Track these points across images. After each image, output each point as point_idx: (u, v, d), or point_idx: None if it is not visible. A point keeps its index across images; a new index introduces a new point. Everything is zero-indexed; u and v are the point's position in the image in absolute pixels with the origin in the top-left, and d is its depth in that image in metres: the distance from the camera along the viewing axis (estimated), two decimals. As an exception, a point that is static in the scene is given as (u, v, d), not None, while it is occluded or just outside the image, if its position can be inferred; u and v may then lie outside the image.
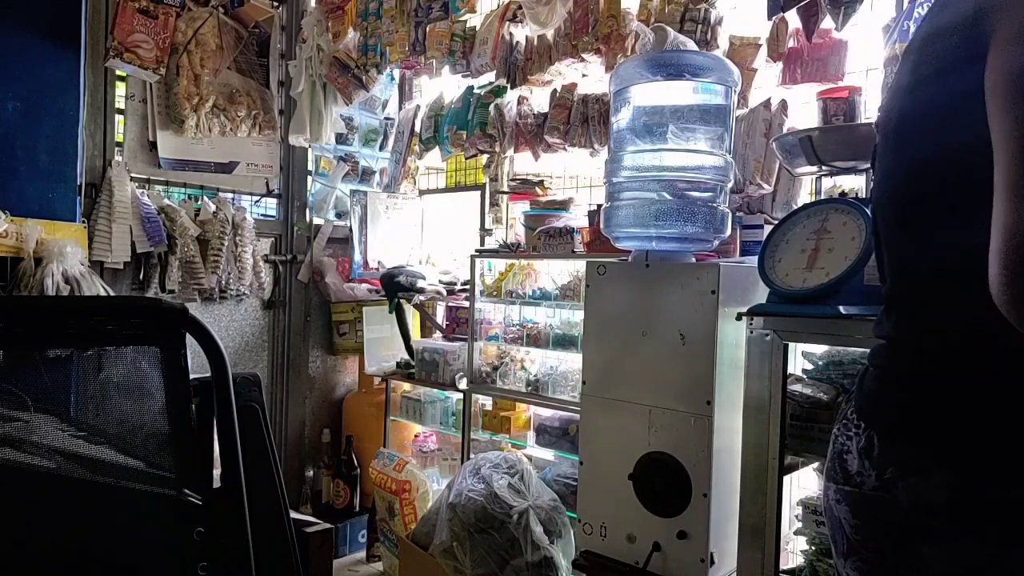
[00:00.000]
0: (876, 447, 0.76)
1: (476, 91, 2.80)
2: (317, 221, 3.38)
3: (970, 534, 0.68)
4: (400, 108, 3.38)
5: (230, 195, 3.09)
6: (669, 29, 2.12)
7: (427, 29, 2.78)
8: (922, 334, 0.77)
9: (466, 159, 2.99)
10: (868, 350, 0.88)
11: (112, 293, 2.59)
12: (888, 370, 0.80)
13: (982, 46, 0.64)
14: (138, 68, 2.67)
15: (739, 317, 1.56)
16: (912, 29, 1.77)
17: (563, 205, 2.57)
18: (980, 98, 0.64)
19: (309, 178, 3.40)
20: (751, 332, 1.54)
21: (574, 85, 2.51)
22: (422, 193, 3.50)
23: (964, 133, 0.67)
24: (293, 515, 1.18)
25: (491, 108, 2.68)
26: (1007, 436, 0.67)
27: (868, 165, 1.61)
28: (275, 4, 3.22)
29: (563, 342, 2.39)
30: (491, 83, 2.73)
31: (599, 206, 2.14)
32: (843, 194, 1.78)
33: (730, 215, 1.85)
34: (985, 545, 0.67)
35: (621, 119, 1.89)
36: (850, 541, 0.78)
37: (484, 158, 3.00)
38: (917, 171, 0.77)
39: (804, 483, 1.83)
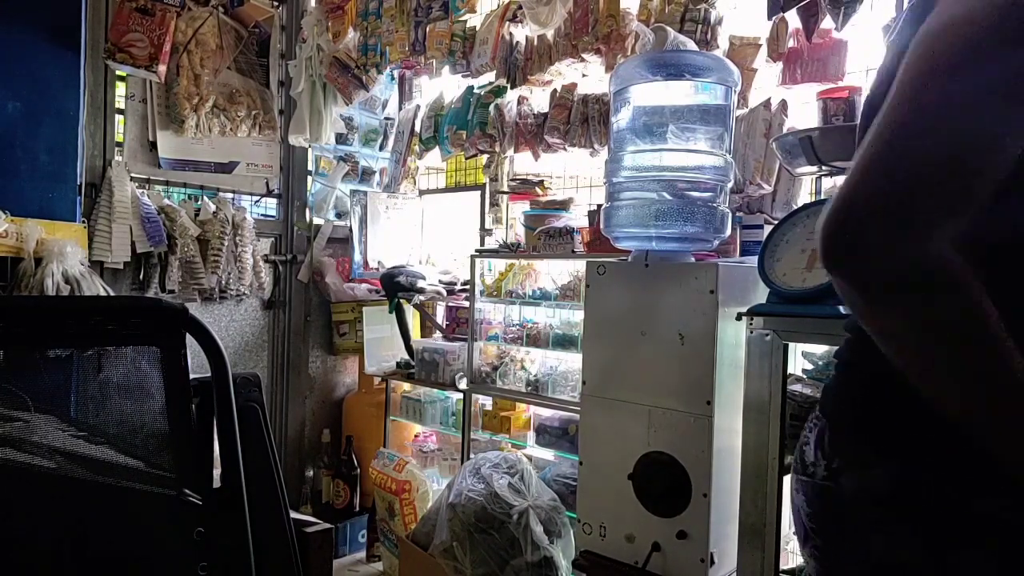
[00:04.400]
0: (827, 439, 0.78)
1: (476, 91, 2.80)
2: (317, 221, 3.38)
3: (908, 522, 0.69)
4: (400, 108, 3.38)
5: (230, 195, 3.09)
6: (669, 29, 2.12)
7: (427, 29, 2.78)
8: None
9: (466, 159, 2.99)
10: None
11: (112, 293, 2.59)
12: (844, 364, 0.83)
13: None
14: (132, 67, 2.67)
15: (739, 317, 1.56)
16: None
17: (563, 205, 2.57)
18: None
19: (309, 178, 3.40)
20: (751, 332, 1.54)
21: (574, 85, 2.51)
22: (422, 193, 3.50)
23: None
24: (293, 515, 1.18)
25: (491, 108, 2.68)
26: (948, 431, 0.67)
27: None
28: (275, 4, 3.22)
29: (563, 342, 2.39)
30: (491, 83, 2.73)
31: (599, 206, 2.14)
32: (843, 194, 1.77)
33: (730, 215, 1.85)
34: (924, 539, 0.68)
35: (621, 119, 1.89)
36: (806, 529, 0.82)
37: (484, 158, 3.00)
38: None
39: (804, 483, 1.83)
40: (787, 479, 1.59)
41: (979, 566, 0.66)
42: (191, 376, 1.00)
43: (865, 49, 2.01)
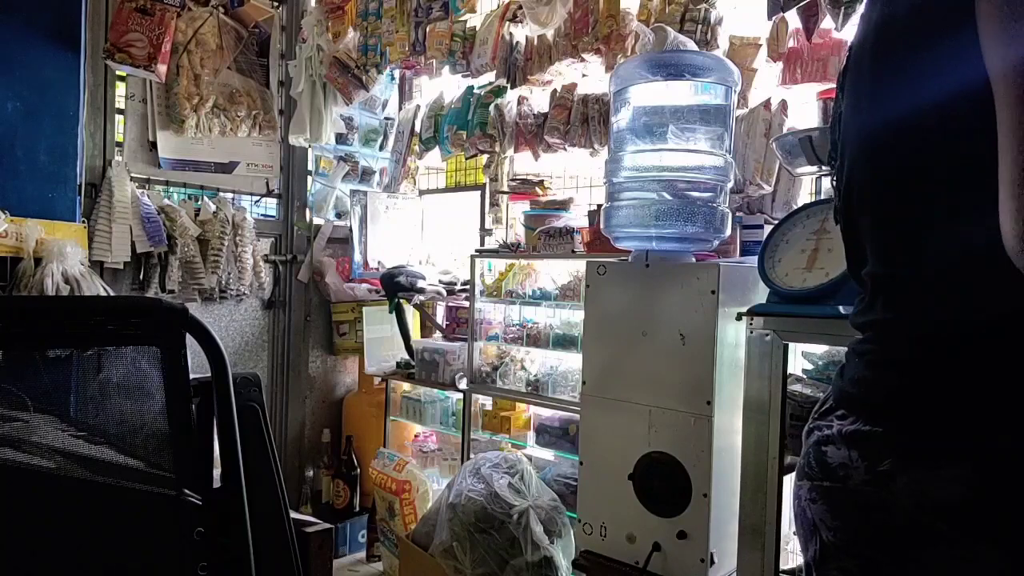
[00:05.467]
0: (868, 435, 0.65)
1: (476, 91, 2.80)
2: (317, 221, 3.38)
3: (987, 540, 0.58)
4: (400, 108, 3.38)
5: (230, 195, 3.09)
6: (669, 29, 2.12)
7: (427, 29, 2.78)
8: (922, 317, 0.68)
9: (466, 159, 2.99)
10: None
11: (112, 293, 2.59)
12: (880, 354, 0.71)
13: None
14: (132, 67, 2.67)
15: (739, 317, 1.56)
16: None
17: (563, 205, 2.57)
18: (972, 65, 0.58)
19: (309, 178, 3.40)
20: (751, 332, 1.53)
21: (574, 85, 2.51)
22: (422, 193, 3.50)
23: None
24: (293, 515, 1.18)
25: (491, 108, 2.68)
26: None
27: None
28: (275, 4, 3.22)
29: (563, 342, 2.39)
30: (491, 83, 2.73)
31: (599, 206, 2.14)
32: (843, 194, 1.77)
33: (730, 215, 1.85)
34: (1006, 553, 0.57)
35: (621, 119, 1.89)
36: (826, 546, 0.68)
37: (484, 158, 3.00)
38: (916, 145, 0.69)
39: (804, 483, 1.83)
40: (788, 479, 1.60)
41: None
42: (191, 376, 1.00)
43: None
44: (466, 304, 2.75)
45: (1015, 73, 0.54)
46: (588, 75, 2.49)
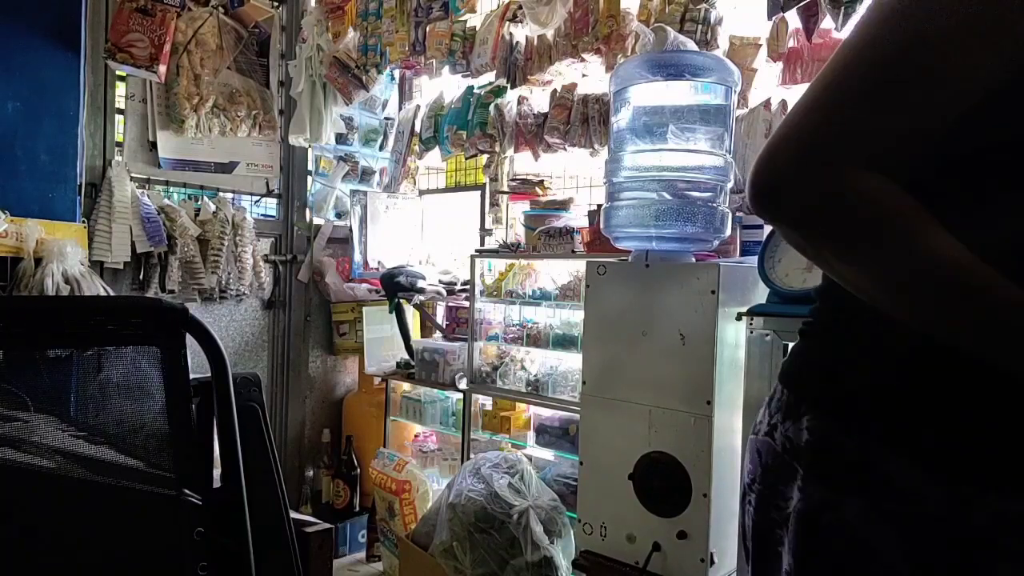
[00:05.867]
0: (774, 398, 0.82)
1: (476, 91, 2.80)
2: (317, 221, 3.38)
3: (816, 477, 0.72)
4: (400, 108, 3.38)
5: (230, 195, 3.09)
6: (669, 29, 2.12)
7: (427, 29, 2.78)
8: (821, 290, 0.83)
9: (466, 159, 2.99)
10: None
11: (112, 293, 2.59)
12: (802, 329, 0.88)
13: None
14: (132, 67, 2.67)
15: (739, 317, 1.56)
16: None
17: (563, 205, 2.56)
18: None
19: (309, 178, 3.40)
20: (751, 332, 1.54)
21: (574, 85, 2.51)
22: (422, 193, 3.50)
23: None
24: (293, 515, 1.18)
25: (491, 108, 2.68)
26: (861, 383, 0.71)
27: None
28: (275, 4, 3.22)
29: (563, 342, 2.39)
30: (491, 83, 2.73)
31: (599, 206, 2.14)
32: (843, 194, 1.77)
33: (730, 215, 1.85)
34: (831, 491, 0.70)
35: (621, 119, 1.89)
36: (744, 486, 0.86)
37: (484, 158, 3.00)
38: None
39: (804, 483, 1.83)
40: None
41: (863, 514, 0.68)
42: (191, 376, 1.00)
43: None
44: (466, 304, 2.75)
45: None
46: (588, 75, 2.49)
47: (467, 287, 2.75)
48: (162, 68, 2.71)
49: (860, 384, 0.71)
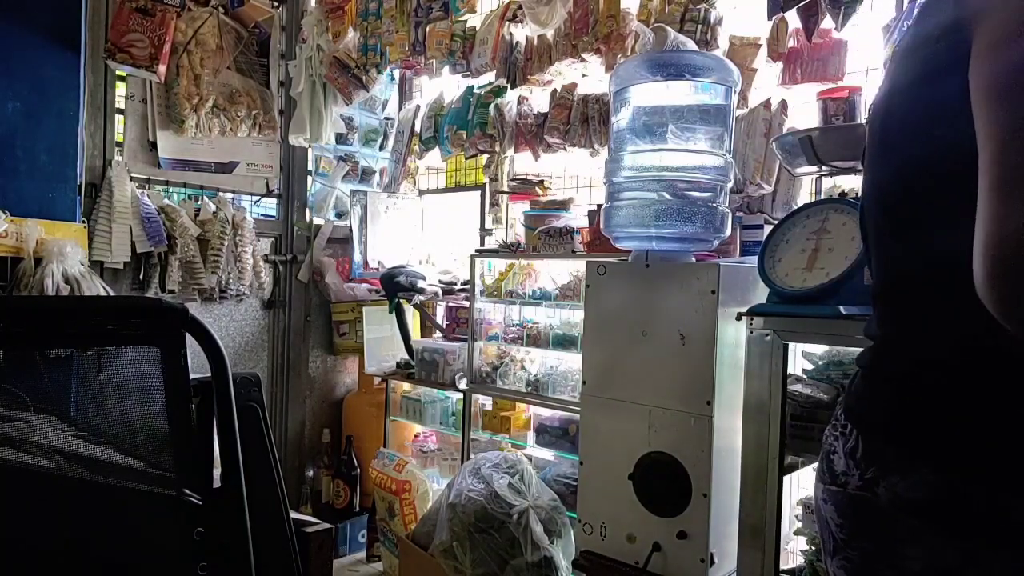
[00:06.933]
0: (860, 447, 0.77)
1: (476, 91, 2.80)
2: (317, 221, 3.38)
3: (948, 533, 0.68)
4: (400, 108, 3.38)
5: (230, 195, 3.09)
6: (669, 29, 2.12)
7: (427, 29, 2.78)
8: (908, 334, 0.78)
9: (466, 159, 2.99)
10: None
11: (112, 293, 2.59)
12: (873, 369, 0.82)
13: (962, 52, 0.66)
14: (132, 67, 2.67)
15: (739, 317, 1.56)
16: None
17: (563, 205, 2.57)
18: (962, 101, 0.65)
19: (309, 178, 3.40)
20: (751, 332, 1.54)
21: (574, 85, 2.51)
22: (422, 193, 3.50)
23: (948, 135, 0.68)
24: (293, 515, 1.18)
25: (491, 108, 2.68)
26: (988, 435, 0.68)
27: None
28: (275, 4, 3.22)
29: (563, 342, 2.39)
30: (491, 83, 2.73)
31: (599, 206, 2.14)
32: (843, 194, 1.78)
33: (730, 215, 1.85)
34: (963, 544, 0.68)
35: (621, 119, 1.89)
36: (836, 540, 0.80)
37: (484, 158, 3.00)
38: (903, 173, 0.78)
39: (804, 483, 1.83)
40: (788, 479, 1.60)
41: (1015, 564, 0.66)
42: (191, 376, 1.00)
43: (865, 49, 2.01)
44: (466, 304, 2.75)
45: (992, 138, 0.61)
46: (588, 75, 2.49)
47: (467, 287, 2.75)
48: (162, 68, 2.71)
49: (991, 438, 0.68)
